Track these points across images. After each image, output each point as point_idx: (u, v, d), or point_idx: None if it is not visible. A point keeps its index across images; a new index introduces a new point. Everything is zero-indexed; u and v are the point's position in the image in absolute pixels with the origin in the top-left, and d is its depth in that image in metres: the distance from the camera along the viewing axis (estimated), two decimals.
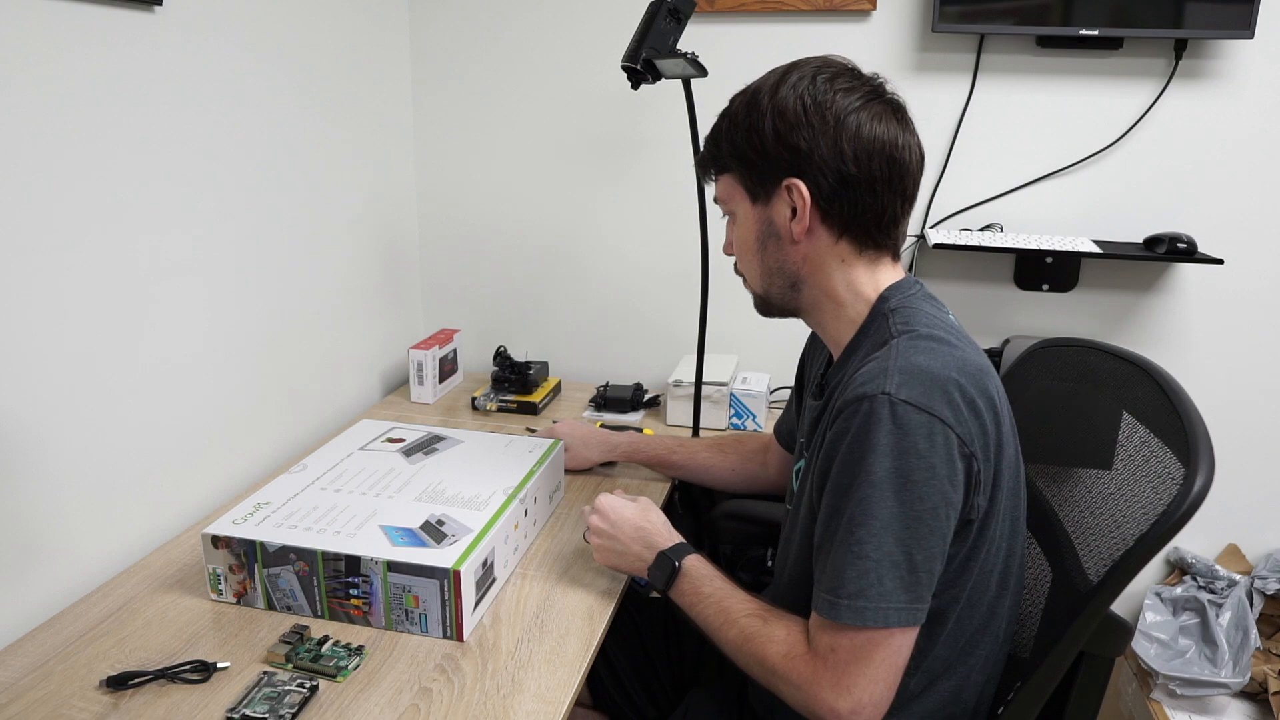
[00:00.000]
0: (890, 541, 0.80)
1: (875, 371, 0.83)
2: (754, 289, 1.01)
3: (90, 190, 1.08)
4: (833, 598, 0.82)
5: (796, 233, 0.92)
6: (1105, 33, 1.53)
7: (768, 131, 0.90)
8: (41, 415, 1.04)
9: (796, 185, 0.90)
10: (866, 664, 0.81)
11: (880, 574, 0.80)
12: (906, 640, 0.83)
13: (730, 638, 0.93)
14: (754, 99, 0.92)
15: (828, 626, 0.83)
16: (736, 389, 1.65)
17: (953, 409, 0.80)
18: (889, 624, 0.80)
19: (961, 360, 0.83)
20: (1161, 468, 0.83)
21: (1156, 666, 1.58)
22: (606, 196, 1.86)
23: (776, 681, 0.88)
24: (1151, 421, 0.88)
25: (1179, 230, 1.59)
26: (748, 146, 0.92)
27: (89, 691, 0.90)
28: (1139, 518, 0.82)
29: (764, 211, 0.94)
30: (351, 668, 0.93)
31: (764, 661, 0.89)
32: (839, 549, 0.82)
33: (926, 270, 1.75)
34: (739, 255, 1.00)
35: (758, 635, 0.90)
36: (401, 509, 1.09)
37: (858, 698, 0.82)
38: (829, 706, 0.83)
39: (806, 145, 0.88)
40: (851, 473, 0.81)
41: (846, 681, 0.82)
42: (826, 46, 1.66)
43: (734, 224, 0.99)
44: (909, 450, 0.79)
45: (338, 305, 1.66)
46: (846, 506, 0.81)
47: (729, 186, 0.97)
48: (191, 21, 1.22)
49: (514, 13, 1.80)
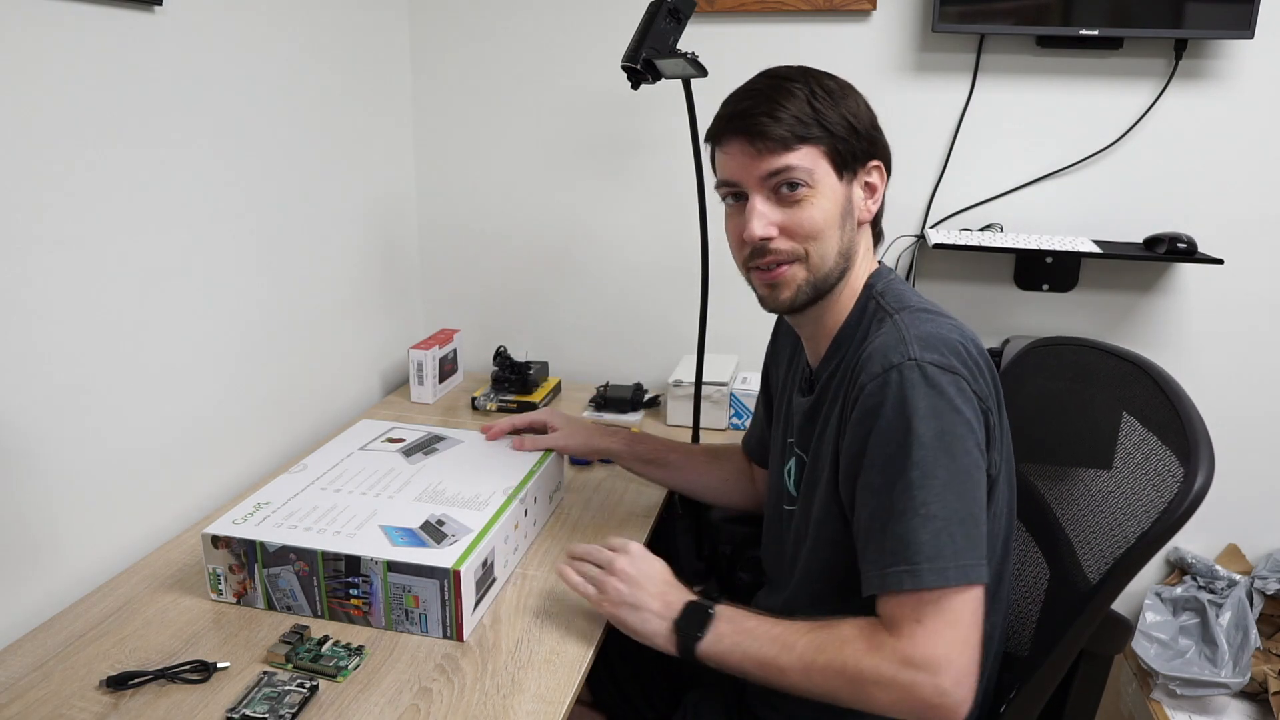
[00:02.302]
0: (953, 499, 0.80)
1: (892, 342, 0.85)
2: (817, 274, 0.94)
3: (90, 190, 1.08)
4: (910, 566, 0.79)
5: (866, 215, 0.97)
6: (1105, 33, 1.53)
7: (864, 113, 0.95)
8: (41, 415, 1.04)
9: (879, 168, 0.97)
10: (957, 626, 0.78)
11: (951, 532, 0.79)
12: (982, 599, 0.80)
13: (796, 661, 0.84)
14: (838, 82, 0.95)
15: (907, 600, 0.79)
16: (736, 389, 1.65)
17: (969, 368, 0.84)
18: (970, 580, 0.78)
19: (960, 327, 0.89)
20: (1161, 466, 0.83)
21: (1156, 666, 1.58)
22: (607, 196, 1.86)
23: (865, 687, 0.80)
24: (1150, 420, 0.88)
25: (1179, 230, 1.59)
26: (847, 120, 0.93)
27: (89, 691, 0.90)
28: (1140, 516, 0.82)
29: (847, 189, 0.94)
30: (351, 668, 0.93)
31: (844, 668, 0.81)
32: (902, 517, 0.80)
33: (926, 270, 1.75)
34: (813, 234, 0.92)
35: (828, 644, 0.83)
36: (401, 509, 1.09)
37: (958, 666, 0.77)
38: (932, 686, 0.77)
39: (879, 134, 0.97)
40: (896, 440, 0.81)
41: (941, 651, 0.77)
42: (826, 46, 1.68)
43: (810, 200, 0.92)
44: (946, 409, 0.81)
45: (338, 305, 1.66)
46: (900, 475, 0.81)
47: (813, 157, 0.91)
48: (191, 21, 1.22)
49: (514, 13, 1.80)
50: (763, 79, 0.95)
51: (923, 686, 0.77)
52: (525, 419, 1.32)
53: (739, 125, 0.92)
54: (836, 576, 0.94)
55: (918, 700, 0.78)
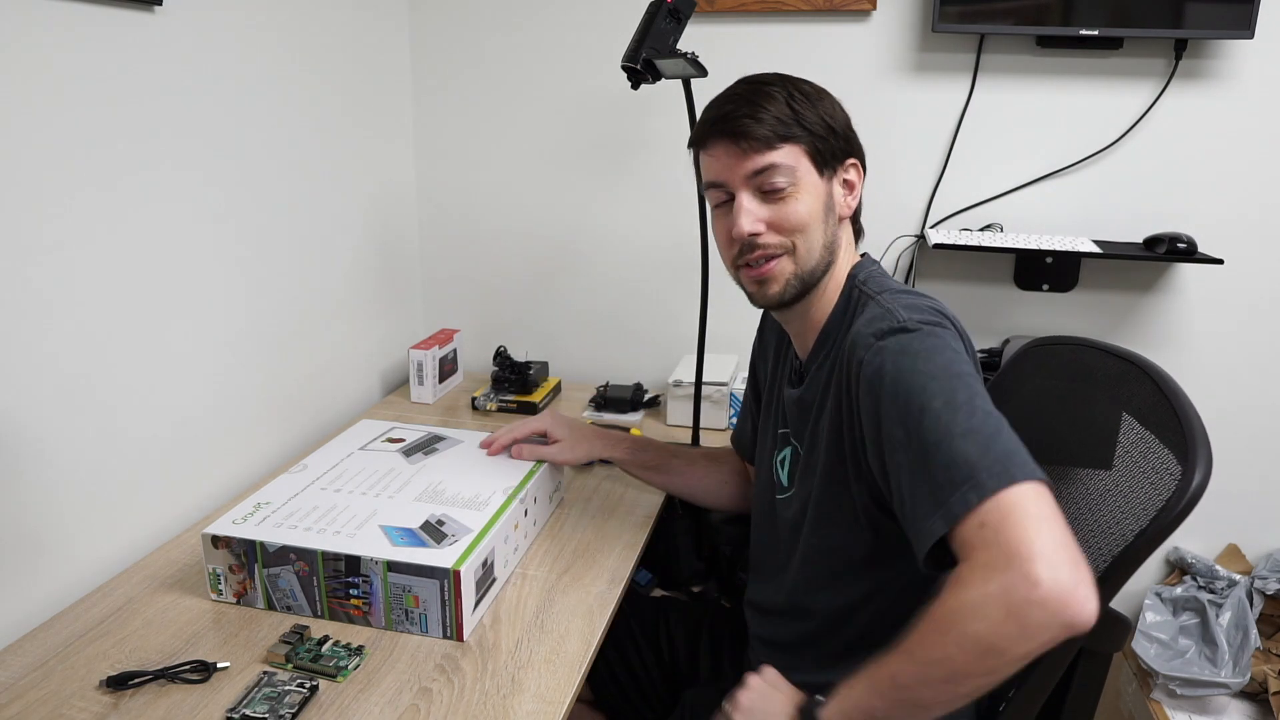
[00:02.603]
0: (981, 413, 0.78)
1: (877, 315, 0.89)
2: (804, 267, 0.97)
3: (89, 190, 1.09)
4: (972, 481, 0.73)
5: (846, 210, 1.01)
6: (1105, 33, 1.53)
7: (839, 115, 0.99)
8: (41, 415, 1.05)
9: (856, 165, 1.01)
10: (1029, 516, 0.70)
11: (1006, 434, 0.76)
12: (1050, 495, 0.74)
13: (917, 664, 0.74)
14: (814, 86, 1.00)
15: (975, 517, 0.72)
16: (736, 389, 1.65)
17: (956, 328, 0.89)
18: (1032, 476, 0.73)
19: (942, 305, 0.93)
20: (1159, 464, 0.83)
21: (1156, 666, 1.58)
22: (607, 196, 1.86)
23: (968, 629, 0.70)
24: (1147, 418, 0.88)
25: (1179, 230, 1.59)
26: (824, 121, 0.97)
27: (89, 691, 0.90)
28: (1138, 514, 0.82)
29: (828, 185, 0.98)
30: (351, 668, 0.93)
31: (950, 623, 0.71)
32: (939, 447, 0.76)
33: (926, 270, 1.75)
34: (798, 228, 0.96)
35: (923, 625, 0.74)
36: (401, 509, 1.09)
37: (1046, 549, 0.68)
38: (1021, 578, 0.67)
39: (854, 135, 1.02)
40: (906, 389, 0.81)
41: (1018, 540, 0.69)
42: (826, 46, 1.68)
43: (793, 196, 0.95)
44: (943, 348, 0.84)
45: (338, 305, 1.66)
46: (923, 414, 0.79)
47: (795, 155, 0.96)
48: (191, 21, 1.22)
49: (514, 13, 1.80)
50: (742, 84, 1.00)
51: (1013, 586, 0.68)
52: (527, 429, 1.28)
53: (723, 128, 0.96)
54: (835, 560, 0.97)
55: (1016, 603, 0.67)
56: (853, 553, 0.95)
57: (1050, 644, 0.68)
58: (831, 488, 0.95)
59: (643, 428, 1.64)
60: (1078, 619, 0.67)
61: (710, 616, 1.31)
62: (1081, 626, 0.67)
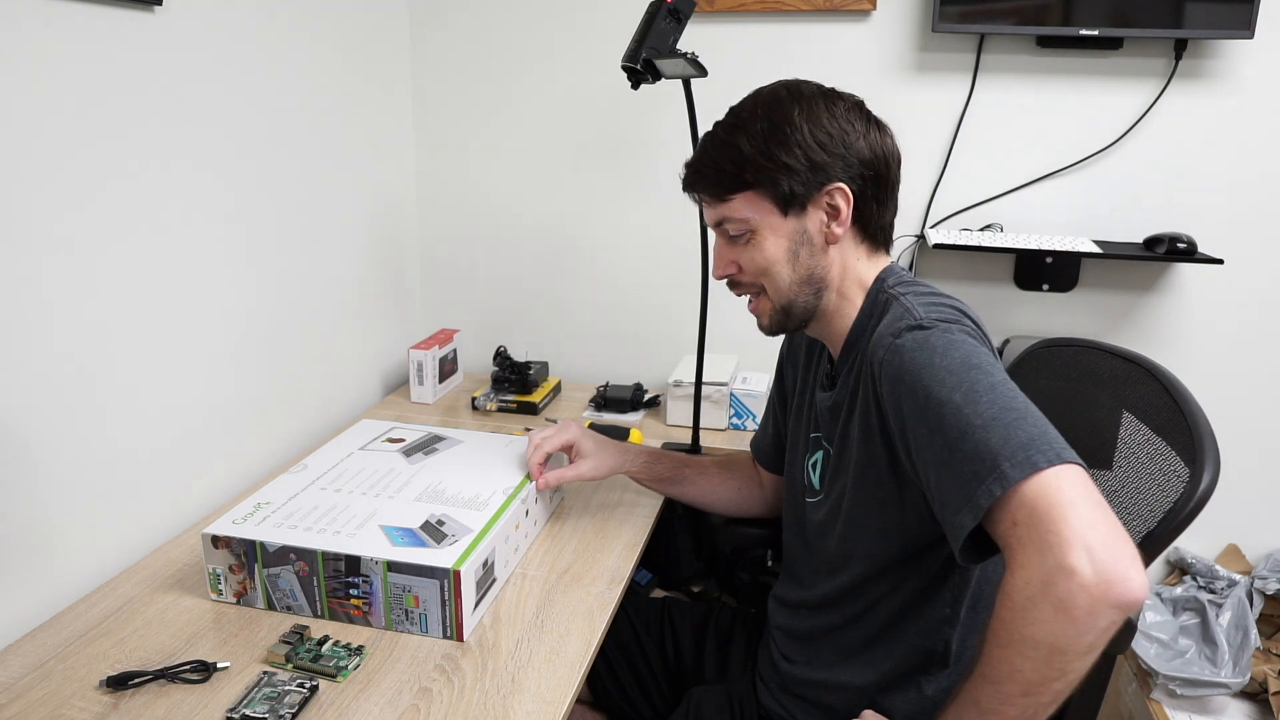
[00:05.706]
0: (1004, 401, 0.77)
1: (896, 316, 0.89)
2: (778, 303, 0.98)
3: (88, 191, 1.08)
4: (995, 473, 0.72)
5: (833, 237, 0.95)
6: (1105, 33, 1.53)
7: (808, 139, 0.92)
8: (41, 415, 1.04)
9: (841, 189, 0.93)
10: (1063, 502, 0.69)
11: (1030, 419, 0.75)
12: (1086, 476, 0.72)
13: (992, 684, 0.73)
14: (774, 111, 0.94)
15: (1004, 514, 0.72)
16: (736, 389, 1.65)
17: (976, 325, 0.89)
18: (1063, 459, 0.72)
19: (963, 304, 0.92)
20: (1166, 465, 0.83)
21: (1156, 666, 1.58)
22: (606, 196, 1.85)
23: (1025, 630, 0.69)
24: (1153, 420, 0.88)
25: (1179, 230, 1.59)
26: (785, 156, 0.92)
27: (89, 691, 0.89)
28: (1145, 516, 0.82)
29: (797, 221, 0.95)
30: (351, 668, 0.93)
31: (1008, 635, 0.70)
32: (962, 440, 0.76)
33: (926, 270, 1.75)
34: (762, 271, 0.97)
35: (987, 644, 0.73)
36: (401, 509, 1.09)
37: (1084, 534, 0.67)
38: (1057, 569, 0.66)
39: (844, 151, 0.93)
40: (926, 384, 0.81)
41: (1054, 530, 0.68)
42: (826, 46, 1.68)
43: (753, 241, 0.96)
44: (961, 343, 0.83)
45: (338, 305, 1.65)
46: (944, 407, 0.78)
47: (751, 204, 0.95)
48: (191, 21, 1.22)
49: (514, 13, 1.80)
50: (719, 123, 0.99)
51: (1052, 581, 0.66)
52: (556, 442, 1.21)
53: (686, 179, 1.01)
54: (864, 563, 0.97)
55: (1060, 597, 0.66)
56: (880, 554, 0.95)
57: (1111, 629, 0.67)
58: (862, 490, 0.95)
59: (642, 428, 1.64)
60: (1125, 596, 0.65)
61: (716, 616, 1.31)
62: (1132, 601, 0.66)
